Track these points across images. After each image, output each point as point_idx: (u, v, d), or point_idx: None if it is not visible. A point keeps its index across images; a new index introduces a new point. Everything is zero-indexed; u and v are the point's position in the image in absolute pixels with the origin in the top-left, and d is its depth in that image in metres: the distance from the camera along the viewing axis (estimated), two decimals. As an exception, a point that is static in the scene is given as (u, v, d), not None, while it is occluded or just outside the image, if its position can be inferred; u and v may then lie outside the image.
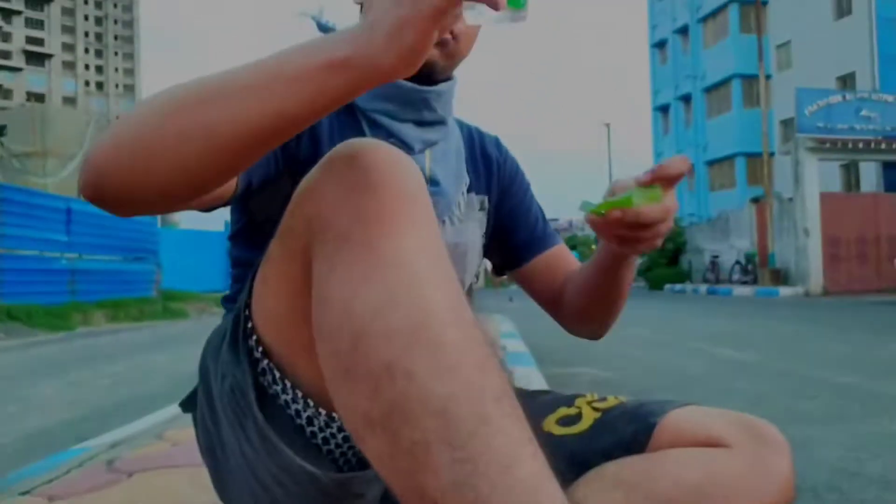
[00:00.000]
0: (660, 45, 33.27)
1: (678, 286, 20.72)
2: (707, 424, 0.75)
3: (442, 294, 0.51)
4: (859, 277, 15.49)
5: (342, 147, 0.57)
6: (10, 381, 4.81)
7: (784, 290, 14.98)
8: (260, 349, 0.65)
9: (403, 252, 0.52)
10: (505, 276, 1.10)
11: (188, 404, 0.83)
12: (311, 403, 0.64)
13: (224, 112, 0.54)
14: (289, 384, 0.64)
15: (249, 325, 0.66)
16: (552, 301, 1.02)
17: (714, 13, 28.35)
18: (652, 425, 0.76)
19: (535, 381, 2.94)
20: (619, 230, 0.75)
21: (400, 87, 0.84)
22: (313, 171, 0.58)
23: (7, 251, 11.22)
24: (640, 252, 0.81)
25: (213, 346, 0.74)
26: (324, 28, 0.90)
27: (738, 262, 18.64)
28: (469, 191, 0.95)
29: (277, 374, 0.64)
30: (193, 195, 0.60)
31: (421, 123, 0.88)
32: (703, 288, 18.29)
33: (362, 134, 0.85)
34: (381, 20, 0.50)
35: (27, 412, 3.53)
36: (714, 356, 5.03)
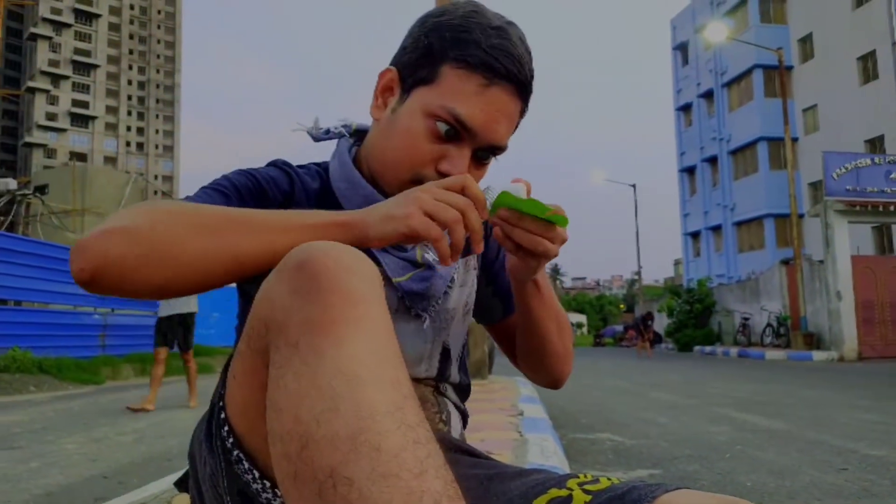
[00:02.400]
0: (685, 108, 33.60)
1: (707, 348, 20.29)
2: None
3: (384, 398, 0.53)
4: (895, 342, 15.05)
5: (295, 251, 0.60)
6: (35, 435, 4.87)
7: (817, 355, 14.58)
8: (231, 439, 0.67)
9: (347, 358, 0.54)
10: None
11: (182, 484, 0.86)
12: (279, 494, 0.65)
13: (252, 243, 0.69)
14: (257, 473, 0.66)
15: (223, 415, 0.69)
16: (516, 360, 1.04)
17: (738, 78, 28.66)
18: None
19: (550, 449, 2.90)
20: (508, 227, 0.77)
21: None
22: (270, 276, 0.61)
23: (42, 305, 11.51)
24: (529, 267, 0.82)
25: (200, 432, 0.76)
26: (318, 139, 0.96)
27: (769, 325, 18.25)
28: (463, 255, 0.98)
29: (247, 465, 0.66)
30: (190, 293, 0.70)
31: None
32: (734, 351, 17.89)
33: None
34: (382, 206, 0.71)
35: (49, 468, 3.57)
36: (741, 423, 4.90)
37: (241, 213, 0.71)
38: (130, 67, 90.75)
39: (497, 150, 0.86)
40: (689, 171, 33.10)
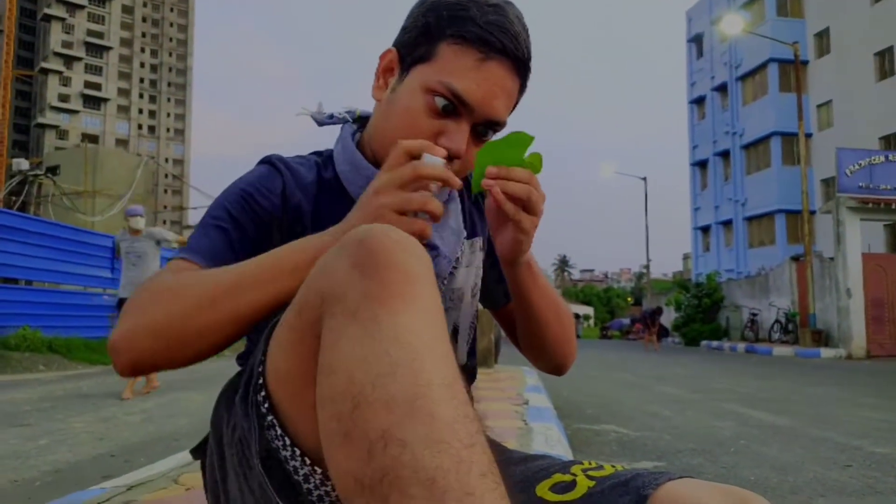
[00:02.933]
0: (698, 101, 33.33)
1: (714, 343, 20.24)
2: (700, 498, 0.74)
3: (439, 371, 0.55)
4: (905, 341, 14.96)
5: (356, 231, 0.63)
6: (44, 414, 4.93)
7: (825, 352, 14.52)
8: (266, 405, 0.68)
9: (405, 329, 0.56)
10: None
11: (198, 451, 0.87)
12: (308, 462, 0.66)
13: (249, 302, 0.74)
14: (289, 441, 0.67)
15: (260, 381, 0.69)
16: (520, 346, 1.05)
17: (753, 72, 28.38)
18: (644, 497, 0.76)
19: (554, 438, 2.91)
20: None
21: None
22: (330, 251, 0.64)
23: (52, 285, 11.61)
24: (520, 237, 0.83)
25: (228, 397, 0.77)
26: (321, 124, 0.97)
27: (778, 321, 18.18)
28: (469, 237, 0.99)
29: (279, 431, 0.67)
30: (228, 345, 0.79)
31: None
32: (742, 346, 17.83)
33: None
34: (352, 226, 0.70)
35: (58, 446, 3.62)
36: (746, 419, 4.90)
37: (233, 277, 0.76)
38: (143, 50, 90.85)
39: (496, 125, 0.87)
40: (701, 164, 32.88)
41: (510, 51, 0.84)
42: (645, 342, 18.96)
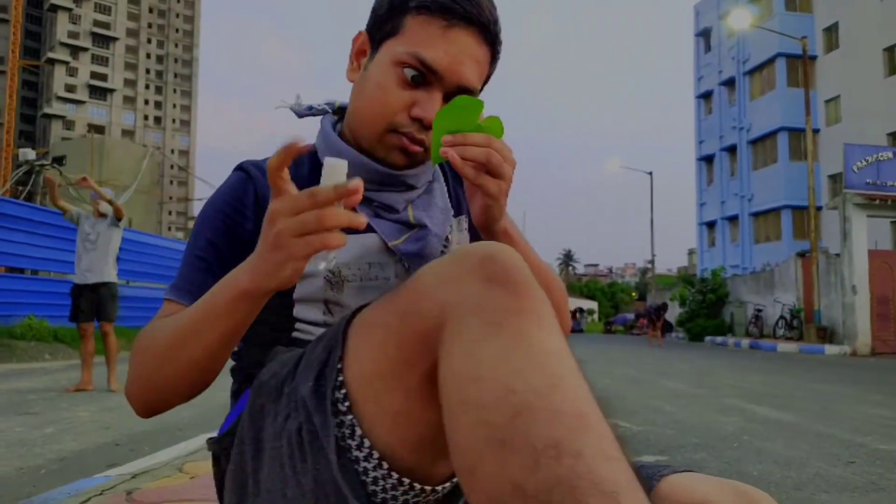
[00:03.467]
0: (705, 96, 33.18)
1: (719, 339, 20.22)
2: (702, 492, 0.75)
3: (587, 386, 0.57)
4: (910, 338, 14.92)
5: (477, 247, 0.64)
6: (50, 403, 4.95)
7: (830, 349, 14.49)
8: (346, 403, 0.67)
9: (554, 346, 0.59)
10: None
11: (220, 443, 0.85)
12: (384, 465, 0.66)
13: (198, 349, 0.78)
14: (366, 442, 0.66)
15: (340, 378, 0.68)
16: None
17: (761, 67, 28.22)
18: (647, 490, 0.76)
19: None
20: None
21: (378, 170, 0.91)
22: (444, 265, 0.64)
23: (57, 275, 11.65)
24: (487, 205, 0.82)
25: (271, 388, 0.75)
26: (301, 116, 0.97)
27: (782, 317, 18.14)
28: (455, 215, 1.00)
29: (358, 431, 0.66)
30: (205, 387, 0.84)
31: (401, 190, 0.94)
32: (746, 342, 17.81)
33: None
34: (264, 261, 0.70)
35: (63, 434, 3.64)
36: (750, 414, 4.89)
37: (182, 325, 0.79)
38: (149, 41, 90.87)
39: (467, 92, 0.87)
40: (708, 159, 32.76)
41: (474, 17, 0.85)
42: (649, 337, 18.93)
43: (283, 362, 0.78)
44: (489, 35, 0.87)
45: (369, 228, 0.90)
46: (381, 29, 0.89)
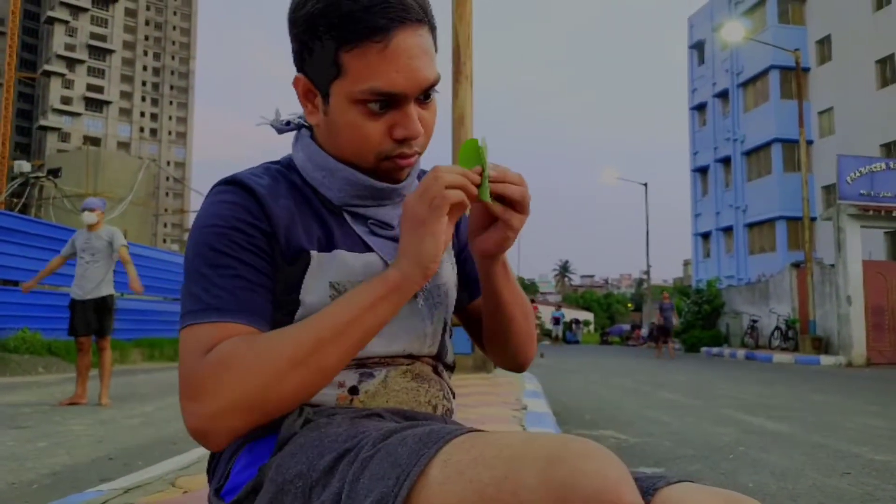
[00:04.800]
0: (699, 107, 33.37)
1: (714, 349, 20.21)
2: (697, 502, 0.74)
3: None
4: (905, 349, 14.94)
5: (545, 446, 0.62)
6: (43, 416, 4.92)
7: (825, 359, 14.50)
8: None
9: None
10: None
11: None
12: None
13: (335, 352, 0.78)
14: None
15: None
16: (482, 343, 1.07)
17: (754, 78, 28.43)
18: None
19: (554, 442, 2.89)
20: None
21: (373, 185, 0.90)
22: (514, 468, 0.61)
23: (51, 288, 11.60)
24: (507, 237, 0.86)
25: (296, 494, 0.72)
26: (280, 132, 0.97)
27: (778, 328, 18.16)
28: None
29: None
30: (309, 398, 0.81)
31: (394, 204, 0.95)
32: (742, 353, 17.81)
33: (346, 225, 0.91)
34: (415, 258, 0.79)
35: (56, 448, 3.61)
36: (746, 425, 4.89)
37: (312, 332, 0.78)
38: (146, 53, 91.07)
39: (433, 86, 0.86)
40: (702, 171, 32.91)
41: (401, 17, 0.81)
42: (658, 350, 18.70)
43: (308, 458, 0.73)
44: (420, 16, 0.83)
45: (368, 247, 0.91)
46: (319, 73, 0.85)
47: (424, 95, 0.86)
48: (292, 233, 0.86)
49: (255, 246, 0.84)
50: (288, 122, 0.97)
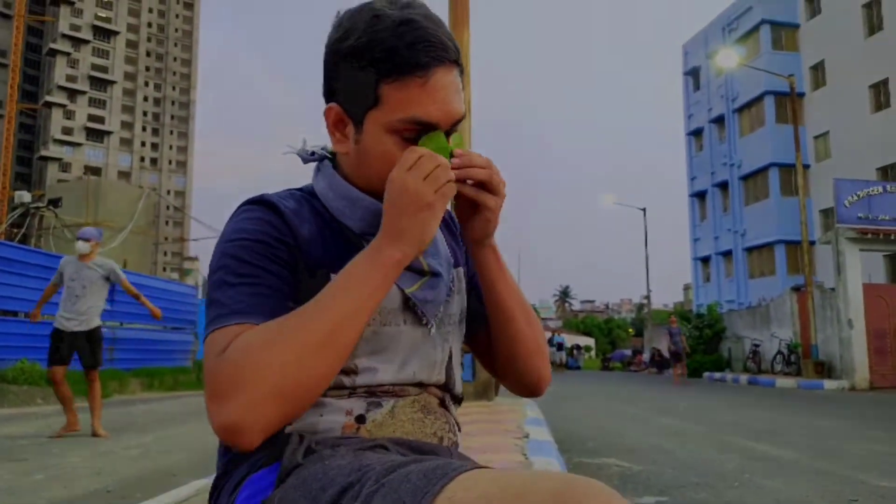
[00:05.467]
0: (696, 133, 33.63)
1: (717, 374, 20.08)
2: None
3: None
4: (908, 372, 14.85)
5: (549, 484, 0.63)
6: (41, 448, 4.87)
7: (828, 383, 14.40)
8: None
9: None
10: None
11: None
12: None
13: (355, 328, 0.80)
14: None
15: None
16: (495, 368, 1.06)
17: (749, 104, 28.69)
18: None
19: (557, 471, 2.87)
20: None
21: None
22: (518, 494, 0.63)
23: (50, 318, 11.56)
24: (487, 219, 0.90)
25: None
26: (306, 161, 1.00)
27: (780, 352, 18.06)
28: (455, 266, 1.02)
29: None
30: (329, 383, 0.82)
31: None
32: (744, 378, 17.68)
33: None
34: (417, 238, 0.82)
35: (53, 482, 3.57)
36: (750, 451, 4.84)
37: (336, 310, 0.79)
38: (146, 84, 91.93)
39: (460, 121, 0.91)
40: (700, 196, 33.04)
41: (442, 57, 0.86)
42: (675, 377, 18.47)
43: (311, 491, 0.73)
44: (455, 57, 0.89)
45: None
46: (356, 102, 0.88)
47: (451, 129, 0.91)
48: (315, 251, 0.89)
49: (279, 258, 0.86)
50: (313, 153, 0.99)
